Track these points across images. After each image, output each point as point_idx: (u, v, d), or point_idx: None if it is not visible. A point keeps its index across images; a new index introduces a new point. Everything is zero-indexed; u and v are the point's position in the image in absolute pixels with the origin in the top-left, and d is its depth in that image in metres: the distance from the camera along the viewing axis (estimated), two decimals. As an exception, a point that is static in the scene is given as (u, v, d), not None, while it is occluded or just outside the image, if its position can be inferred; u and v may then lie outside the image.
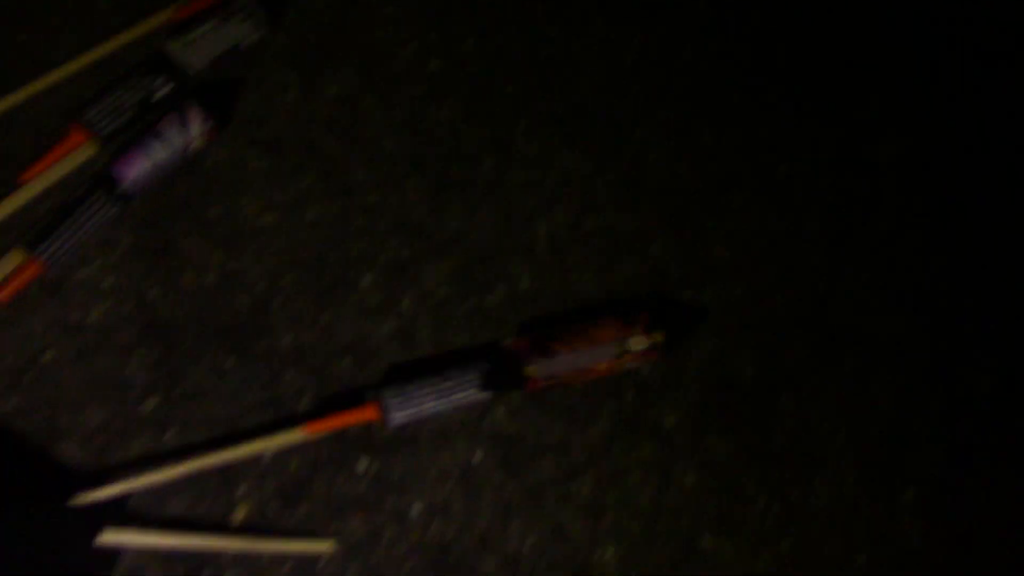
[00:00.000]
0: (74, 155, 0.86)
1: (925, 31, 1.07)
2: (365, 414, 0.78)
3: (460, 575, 0.78)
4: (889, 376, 0.89)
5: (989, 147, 1.01)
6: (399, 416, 0.78)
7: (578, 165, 0.93)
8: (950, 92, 1.04)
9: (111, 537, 0.73)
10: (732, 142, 0.96)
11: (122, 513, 0.76)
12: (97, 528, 0.73)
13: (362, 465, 0.80)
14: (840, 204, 0.95)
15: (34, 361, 0.80)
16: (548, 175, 0.92)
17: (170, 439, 0.79)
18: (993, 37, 1.07)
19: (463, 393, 0.79)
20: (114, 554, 0.74)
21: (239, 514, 0.78)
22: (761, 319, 0.89)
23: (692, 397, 0.85)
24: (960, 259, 0.95)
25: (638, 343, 0.81)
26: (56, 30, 0.92)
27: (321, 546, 0.75)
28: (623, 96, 0.97)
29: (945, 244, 0.95)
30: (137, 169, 0.83)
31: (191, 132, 0.85)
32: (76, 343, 0.81)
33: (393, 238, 0.88)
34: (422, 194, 0.90)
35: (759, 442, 0.84)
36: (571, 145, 0.94)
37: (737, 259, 0.91)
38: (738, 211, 0.93)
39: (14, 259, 0.81)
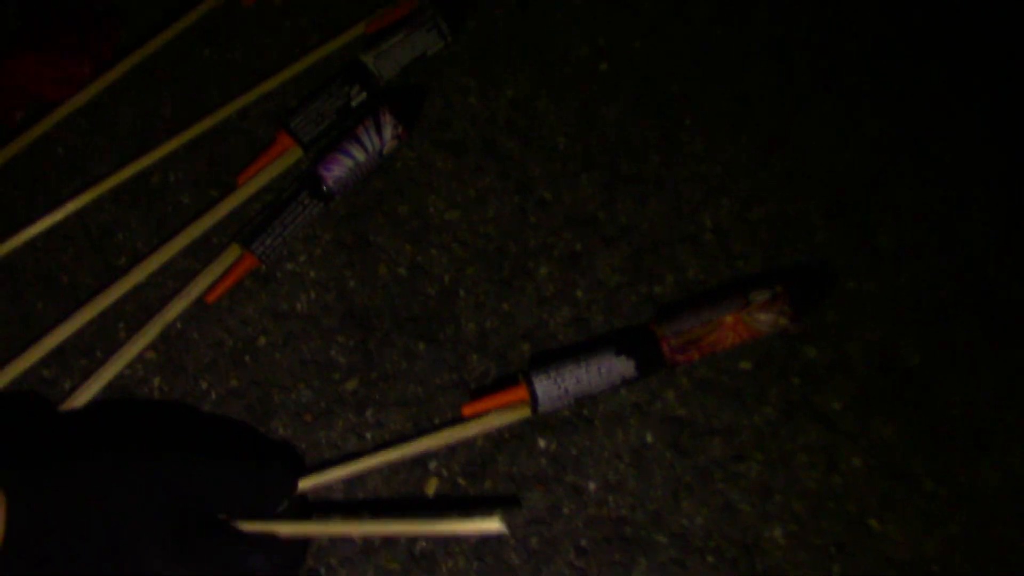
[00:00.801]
0: (282, 159, 0.95)
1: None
2: (516, 394, 0.84)
3: (635, 548, 0.83)
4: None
5: None
6: (544, 393, 0.83)
7: (743, 158, 0.96)
8: None
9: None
10: (897, 131, 0.97)
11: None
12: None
13: (541, 443, 0.86)
14: (1009, 192, 0.95)
15: (251, 344, 0.90)
16: (714, 168, 0.96)
17: (369, 417, 0.87)
18: None
19: (606, 368, 0.83)
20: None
21: (430, 487, 0.85)
22: (927, 305, 0.90)
23: (858, 382, 0.87)
24: None
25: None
26: (264, 47, 1.02)
27: (493, 524, 0.72)
28: (787, 89, 0.99)
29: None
30: (338, 170, 0.92)
31: (384, 136, 0.93)
32: (286, 329, 0.90)
33: (567, 231, 0.94)
34: (594, 189, 0.95)
35: (926, 425, 0.86)
36: (736, 139, 0.97)
37: (903, 247, 0.92)
38: (904, 199, 0.94)
39: (232, 253, 0.92)
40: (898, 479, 0.84)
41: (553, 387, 0.83)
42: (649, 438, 0.86)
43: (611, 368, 0.84)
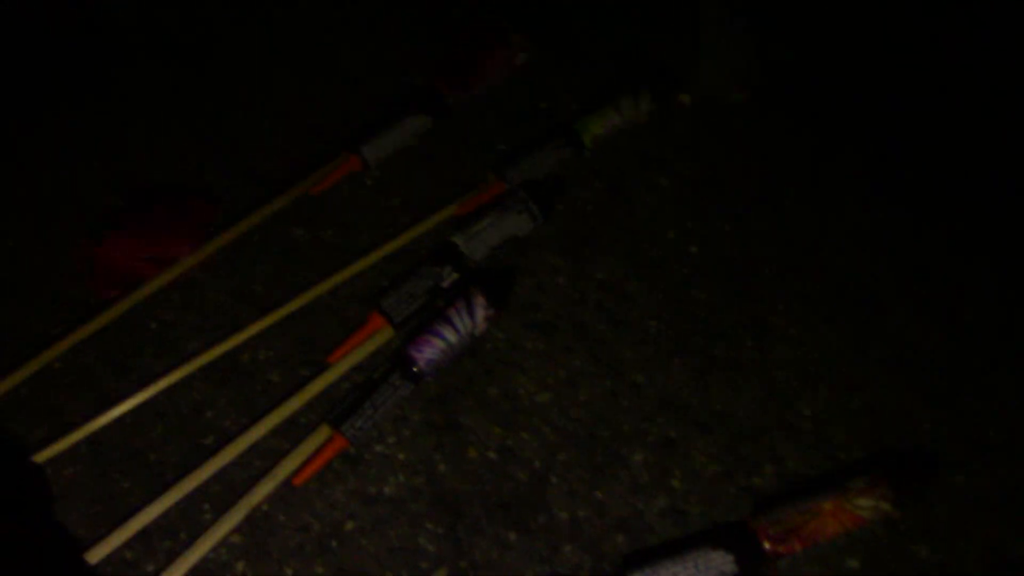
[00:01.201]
0: (373, 339, 0.96)
1: None
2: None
3: None
4: None
5: None
6: None
7: (839, 344, 0.95)
8: None
9: None
10: (994, 318, 0.95)
11: None
12: None
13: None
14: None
15: (338, 529, 0.88)
16: (810, 353, 0.94)
17: (458, 610, 0.84)
18: None
19: (703, 562, 0.80)
20: None
21: None
22: (1045, 504, 0.86)
23: (973, 585, 0.83)
24: None
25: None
26: (355, 227, 1.04)
27: None
28: (879, 274, 0.99)
29: None
30: (429, 352, 0.91)
31: (476, 317, 0.93)
32: (373, 513, 0.88)
33: (661, 416, 0.92)
34: (686, 373, 0.94)
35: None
36: (831, 323, 0.96)
37: (1013, 439, 0.89)
38: (1009, 389, 0.92)
39: (321, 434, 0.91)
40: None
41: None
42: (754, 641, 0.81)
43: (708, 563, 0.80)
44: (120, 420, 0.93)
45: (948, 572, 0.83)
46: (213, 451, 0.90)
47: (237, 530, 0.88)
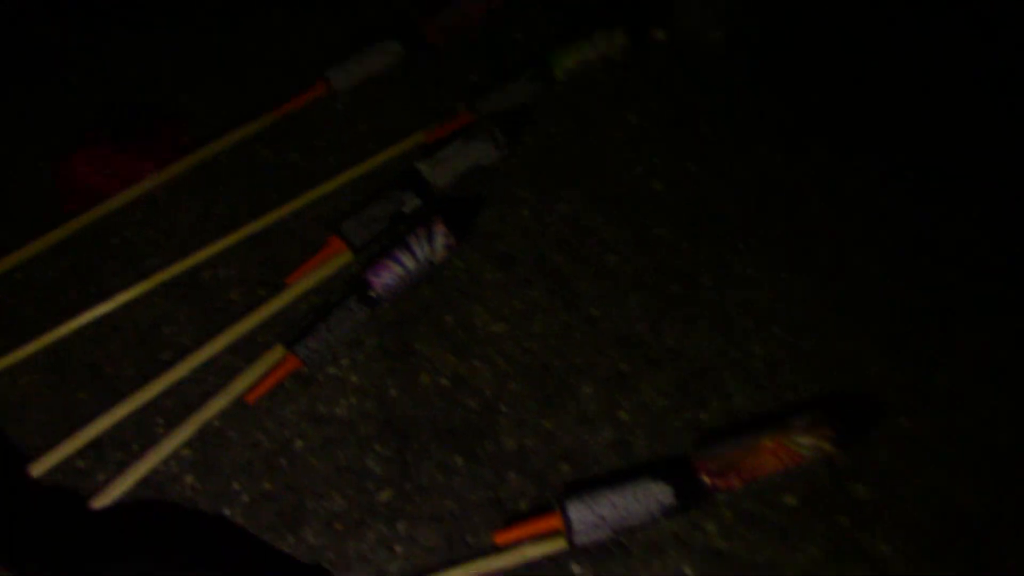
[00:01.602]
0: (332, 262, 0.96)
1: None
2: (550, 523, 0.81)
3: None
4: None
5: None
6: (580, 520, 0.80)
7: (796, 286, 0.95)
8: None
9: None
10: (954, 270, 0.95)
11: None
12: None
13: (575, 570, 0.83)
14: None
15: (287, 447, 0.89)
16: (765, 295, 0.95)
17: (401, 530, 0.85)
18: None
19: (642, 493, 0.81)
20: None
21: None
22: (984, 451, 0.87)
23: (909, 526, 0.84)
24: None
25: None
26: (322, 151, 1.03)
27: None
28: (842, 221, 0.99)
29: None
30: (387, 277, 0.92)
31: (436, 245, 0.93)
32: (323, 434, 0.89)
33: (614, 350, 0.92)
34: (643, 309, 0.94)
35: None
36: (789, 267, 0.96)
37: (959, 387, 0.90)
38: (960, 339, 0.92)
39: (275, 354, 0.91)
40: (951, 632, 0.80)
41: (588, 514, 0.80)
42: (688, 571, 0.83)
43: (648, 494, 0.81)
44: (79, 332, 0.94)
45: (884, 512, 0.84)
46: (169, 365, 0.91)
47: (188, 444, 0.89)
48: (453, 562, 0.82)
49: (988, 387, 0.90)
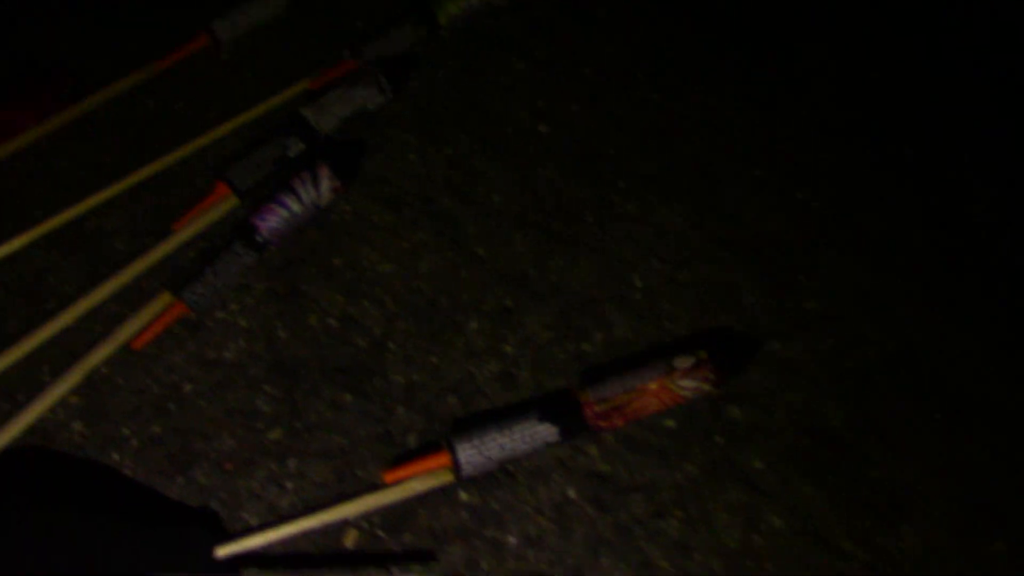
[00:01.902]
0: (218, 207, 0.96)
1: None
2: (438, 461, 0.83)
3: (552, 605, 0.82)
4: (980, 426, 0.89)
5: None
6: (468, 461, 0.82)
7: (674, 221, 0.98)
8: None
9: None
10: (824, 200, 0.99)
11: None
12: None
13: (463, 497, 0.85)
14: (932, 261, 0.97)
15: (176, 391, 0.89)
16: (645, 230, 0.98)
17: (292, 467, 0.86)
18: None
19: (529, 434, 0.83)
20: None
21: (349, 538, 0.84)
22: (851, 370, 0.91)
23: (781, 443, 0.88)
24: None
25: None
26: (208, 100, 1.03)
27: None
28: (719, 156, 1.02)
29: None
30: (273, 221, 0.92)
31: (321, 188, 0.94)
32: (212, 377, 0.90)
33: (499, 287, 0.94)
34: (527, 246, 0.97)
35: (847, 488, 0.86)
36: (668, 202, 0.99)
37: (828, 312, 0.94)
38: (830, 266, 0.96)
39: (162, 300, 0.91)
40: (817, 541, 0.84)
41: (476, 454, 0.82)
42: (571, 493, 0.86)
43: (535, 434, 0.84)
44: (-39, 285, 0.93)
45: (757, 431, 0.88)
46: (53, 314, 0.91)
47: (76, 392, 0.89)
48: (344, 497, 0.83)
49: (854, 311, 0.94)
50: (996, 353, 0.93)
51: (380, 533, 0.84)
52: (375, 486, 0.85)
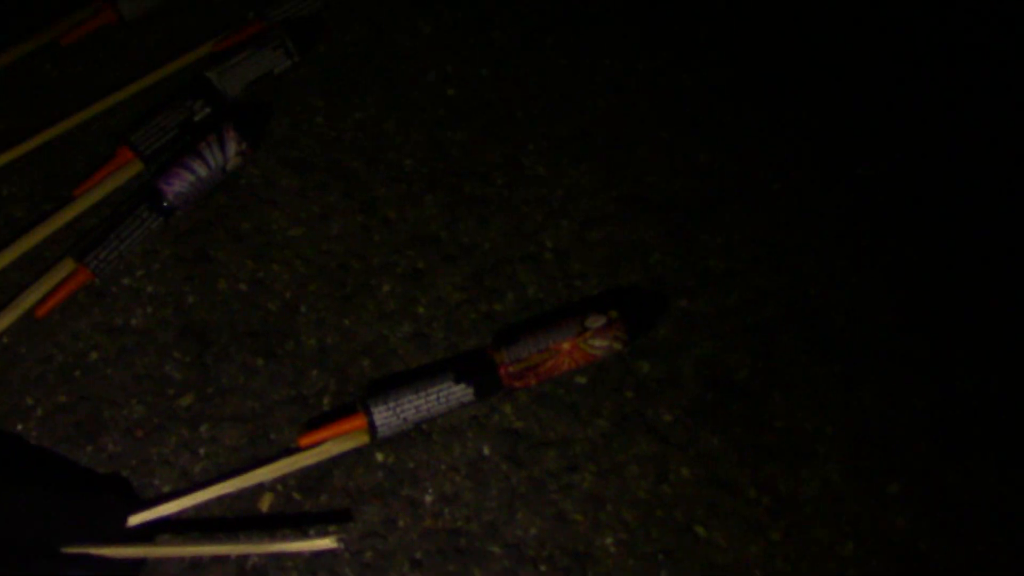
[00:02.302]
0: (121, 172, 0.94)
1: (915, 45, 1.12)
2: (353, 424, 0.84)
3: (469, 559, 0.83)
4: (877, 375, 0.93)
5: (982, 160, 1.05)
6: (384, 423, 0.83)
7: (583, 182, 1.00)
8: (942, 104, 1.09)
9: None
10: (726, 160, 1.02)
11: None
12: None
13: (379, 457, 0.86)
14: (830, 218, 1.00)
15: (81, 359, 0.88)
16: (555, 192, 0.99)
17: (204, 432, 0.85)
18: (985, 46, 1.12)
19: (445, 395, 0.84)
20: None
21: (264, 502, 0.84)
22: (754, 324, 0.94)
23: (688, 396, 0.90)
24: (946, 261, 0.99)
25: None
26: (110, 64, 1.01)
27: (326, 543, 0.75)
28: (625, 118, 1.04)
29: (932, 248, 1.00)
30: (178, 185, 0.91)
31: (228, 151, 0.93)
32: (119, 344, 0.89)
33: (410, 249, 0.95)
34: (438, 209, 0.97)
35: (751, 437, 0.89)
36: (576, 164, 1.01)
37: (731, 268, 0.96)
38: (733, 224, 0.99)
39: (65, 267, 0.90)
40: (724, 488, 0.87)
41: (392, 416, 0.83)
42: (486, 450, 0.87)
43: (450, 395, 0.84)
44: None
45: (665, 385, 0.90)
46: (-50, 284, 0.88)
47: (-24, 362, 0.86)
48: (259, 461, 0.83)
49: (756, 267, 0.97)
50: (890, 301, 0.97)
51: (296, 496, 0.84)
52: (290, 450, 0.85)
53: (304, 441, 0.84)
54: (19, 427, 0.84)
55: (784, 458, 0.88)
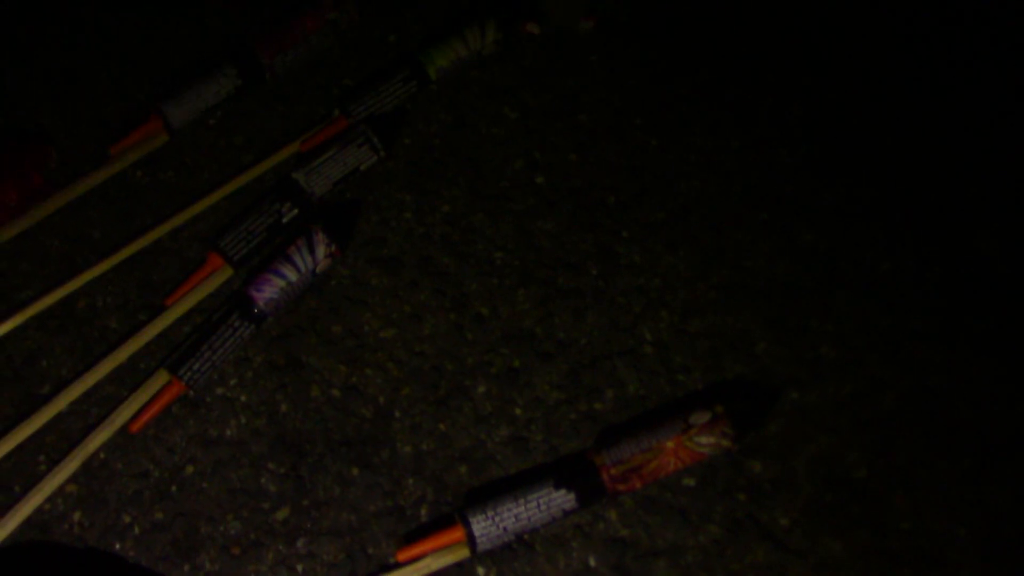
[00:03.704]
0: (212, 279, 0.94)
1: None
2: (452, 536, 0.81)
3: None
4: (1011, 469, 0.87)
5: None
6: (483, 534, 0.80)
7: (680, 269, 0.96)
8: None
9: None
10: (832, 240, 0.98)
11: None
12: None
13: (480, 571, 0.83)
14: (947, 297, 0.95)
15: (177, 474, 0.86)
16: (651, 281, 0.95)
17: (301, 547, 0.83)
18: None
19: (545, 502, 0.81)
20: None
21: (366, 617, 0.81)
22: (872, 417, 0.89)
23: (805, 497, 0.85)
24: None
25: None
26: (197, 168, 1.01)
27: None
28: (722, 200, 1.00)
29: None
30: (269, 292, 0.90)
31: (317, 254, 0.91)
32: (214, 457, 0.87)
33: (504, 347, 0.92)
34: (531, 303, 0.94)
35: (876, 541, 0.83)
36: (673, 250, 0.97)
37: (844, 357, 0.91)
38: (842, 309, 0.94)
39: (159, 380, 0.89)
40: (849, 598, 0.82)
41: (491, 527, 0.80)
42: (592, 562, 0.83)
43: (551, 502, 0.81)
44: (-51, 373, 0.90)
45: (780, 486, 0.86)
46: (47, 400, 0.88)
47: (73, 480, 0.86)
48: (357, 576, 0.81)
49: (870, 354, 0.92)
50: (1019, 386, 0.91)
51: (396, 613, 0.81)
52: (388, 565, 0.82)
53: (402, 556, 0.81)
54: (117, 546, 0.83)
55: (913, 564, 0.83)
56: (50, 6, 1.14)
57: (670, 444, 0.82)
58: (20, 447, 0.86)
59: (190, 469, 0.87)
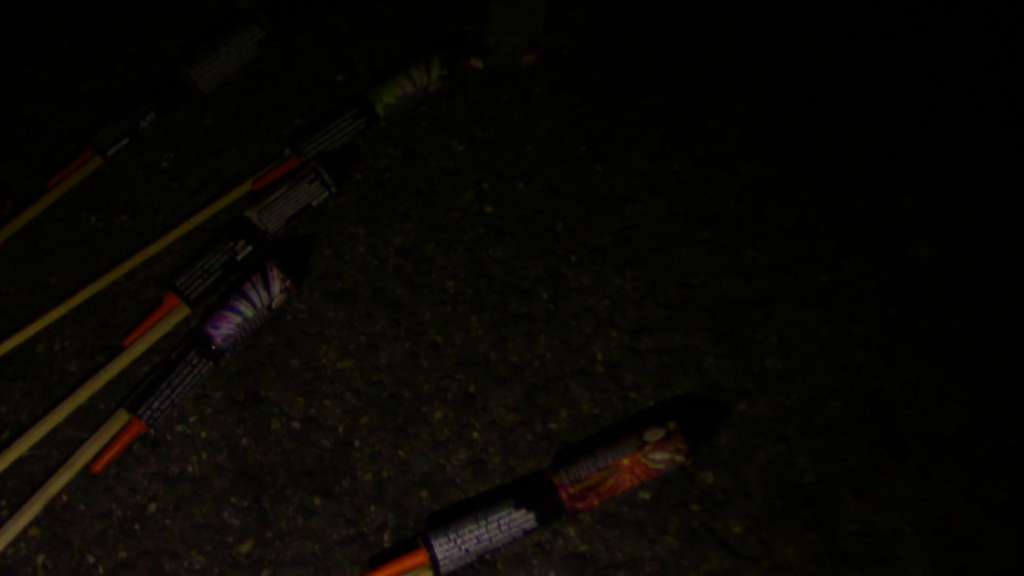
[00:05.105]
0: (169, 318, 0.95)
1: (955, 131, 1.11)
2: (415, 559, 0.82)
3: None
4: (954, 467, 0.89)
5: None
6: (446, 557, 0.81)
7: (628, 290, 0.99)
8: (984, 186, 1.07)
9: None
10: (773, 255, 1.00)
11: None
12: None
13: (444, 592, 0.84)
14: (885, 305, 0.98)
15: (140, 512, 0.87)
16: (601, 302, 0.98)
17: (265, 578, 0.84)
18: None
19: (506, 523, 0.82)
20: None
21: (332, 646, 0.82)
22: (818, 423, 0.91)
23: (757, 505, 0.87)
24: (1016, 341, 0.96)
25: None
26: (151, 210, 1.03)
27: None
28: (666, 221, 1.03)
29: (997, 329, 0.97)
30: (226, 328, 0.91)
31: (272, 289, 0.93)
32: (177, 493, 0.88)
33: (460, 372, 0.94)
34: (484, 329, 0.96)
35: (826, 544, 0.86)
36: (620, 272, 1.00)
37: (789, 367, 0.94)
38: (786, 320, 0.97)
39: (118, 420, 0.90)
40: (803, 601, 0.84)
41: (454, 549, 0.81)
42: (553, 578, 0.85)
43: (511, 522, 0.83)
44: (-92, 423, 0.91)
45: (732, 494, 0.88)
46: (6, 445, 0.89)
47: (35, 523, 0.86)
48: (322, 604, 0.82)
49: (814, 363, 0.95)
50: (958, 388, 0.93)
51: (362, 639, 0.82)
52: (353, 591, 0.83)
53: None
54: (81, 587, 0.84)
55: (863, 564, 0.85)
56: None
57: (626, 462, 0.84)
58: (-19, 493, 0.87)
59: (153, 507, 0.88)
